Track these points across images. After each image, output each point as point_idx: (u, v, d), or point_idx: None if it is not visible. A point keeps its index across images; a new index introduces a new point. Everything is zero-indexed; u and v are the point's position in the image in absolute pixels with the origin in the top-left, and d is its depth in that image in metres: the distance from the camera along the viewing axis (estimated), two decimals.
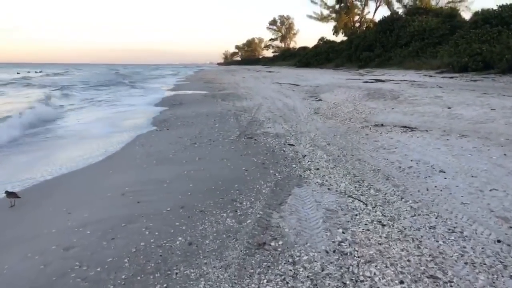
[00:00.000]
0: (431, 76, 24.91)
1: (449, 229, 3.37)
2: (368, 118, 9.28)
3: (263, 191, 4.51)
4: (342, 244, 3.18)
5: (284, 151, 6.49)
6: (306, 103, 12.79)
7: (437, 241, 3.17)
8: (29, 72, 70.66)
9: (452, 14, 39.81)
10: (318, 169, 5.37)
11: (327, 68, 51.29)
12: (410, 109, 9.93)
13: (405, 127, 7.94)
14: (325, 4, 63.02)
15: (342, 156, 6.00)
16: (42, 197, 4.73)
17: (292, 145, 6.92)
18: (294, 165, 5.59)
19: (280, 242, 3.23)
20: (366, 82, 21.78)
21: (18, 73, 59.17)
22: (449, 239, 3.20)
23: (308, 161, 5.77)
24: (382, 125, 8.37)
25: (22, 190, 5.05)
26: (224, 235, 3.39)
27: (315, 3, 62.64)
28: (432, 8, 46.09)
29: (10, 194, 4.47)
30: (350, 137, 7.38)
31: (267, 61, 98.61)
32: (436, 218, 3.62)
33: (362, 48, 46.69)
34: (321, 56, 59.44)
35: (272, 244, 3.21)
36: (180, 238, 3.34)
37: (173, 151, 6.55)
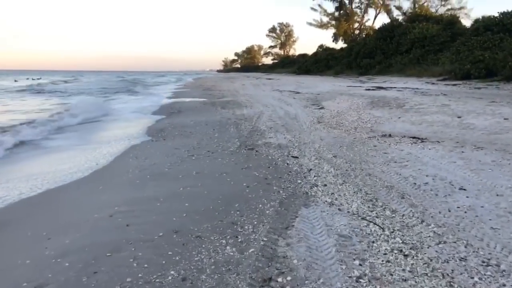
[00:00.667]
0: (433, 83, 24.59)
1: (483, 262, 2.92)
2: (375, 128, 8.86)
3: (267, 212, 4.06)
4: (361, 280, 2.73)
5: (287, 164, 6.05)
6: (308, 111, 12.38)
7: (472, 278, 2.72)
8: (27, 79, 70.05)
9: (452, 21, 39.68)
10: (325, 185, 4.93)
11: (327, 75, 51.08)
12: (418, 118, 9.52)
13: (414, 137, 7.52)
14: (325, 11, 63.00)
15: (351, 171, 5.56)
16: (22, 218, 4.27)
17: (296, 157, 6.48)
18: (299, 181, 5.15)
19: (289, 278, 2.78)
20: (368, 89, 21.45)
21: (15, 81, 58.43)
22: (485, 274, 2.76)
23: (315, 176, 5.33)
24: (390, 135, 7.94)
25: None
26: (224, 268, 2.94)
27: (315, 10, 62.53)
28: (432, 16, 45.99)
29: None
30: (358, 148, 6.95)
31: (267, 68, 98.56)
32: (465, 247, 3.17)
33: (362, 55, 46.50)
34: (320, 63, 59.29)
35: (279, 280, 2.76)
36: (172, 272, 2.89)
37: (169, 164, 6.10)
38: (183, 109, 14.82)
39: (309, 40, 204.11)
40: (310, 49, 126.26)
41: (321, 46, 69.17)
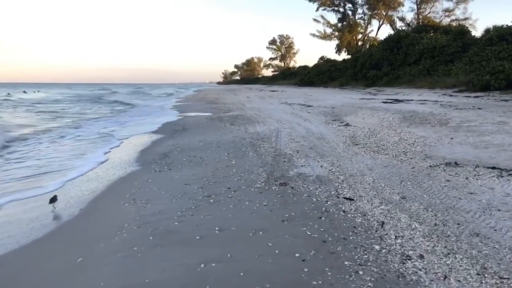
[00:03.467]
0: (451, 95, 23.04)
1: None
2: (429, 152, 7.17)
3: None
4: None
5: (344, 211, 4.35)
6: (333, 129, 10.71)
7: None
8: (25, 92, 68.16)
9: (462, 31, 38.32)
10: (422, 257, 3.22)
11: (331, 87, 49.71)
12: (477, 139, 7.83)
13: (494, 168, 5.81)
14: (328, 22, 61.83)
15: (442, 225, 3.85)
16: None
17: (350, 199, 4.77)
18: (376, 246, 3.43)
19: None
20: (385, 102, 19.88)
21: (8, 94, 56.58)
22: None
23: (396, 237, 3.62)
24: (456, 164, 6.25)
25: None
26: None
27: (318, 21, 61.39)
28: (441, 26, 44.76)
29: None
30: (427, 185, 5.24)
31: (267, 80, 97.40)
32: None
33: (368, 67, 45.13)
34: (324, 75, 58.03)
35: None
36: None
37: (179, 213, 4.38)
38: (188, 126, 13.12)
39: (309, 52, 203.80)
40: (310, 61, 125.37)
41: (322, 58, 68.13)
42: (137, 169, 6.94)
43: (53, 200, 4.89)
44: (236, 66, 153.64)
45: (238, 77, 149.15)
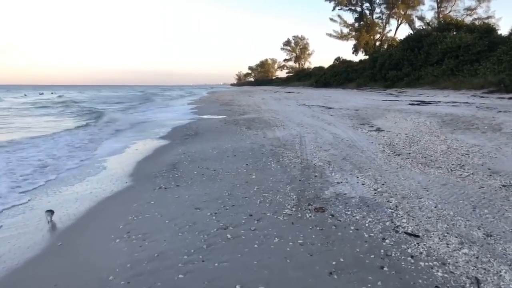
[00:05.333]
0: (481, 96, 21.50)
1: None
2: (492, 166, 5.86)
3: None
4: None
5: (412, 256, 3.13)
6: (364, 135, 9.44)
7: None
8: (42, 93, 67.63)
9: (488, 29, 36.44)
10: None
11: (349, 88, 48.20)
12: None
13: None
14: (345, 22, 60.24)
15: None
16: None
17: (415, 235, 3.54)
18: None
19: None
20: (412, 104, 18.49)
21: (25, 95, 56.42)
22: None
23: None
24: None
25: None
26: None
27: (335, 21, 59.88)
28: (464, 24, 42.84)
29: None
30: (509, 213, 3.97)
31: (281, 82, 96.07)
32: None
33: (387, 67, 43.45)
34: (340, 75, 56.52)
35: None
36: None
37: (185, 257, 3.21)
38: (201, 130, 11.99)
39: (323, 53, 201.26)
40: (324, 62, 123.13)
41: (338, 59, 66.51)
42: (138, 184, 5.80)
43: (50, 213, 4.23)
44: (250, 68, 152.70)
45: (252, 79, 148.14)
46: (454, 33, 40.60)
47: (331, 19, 60.02)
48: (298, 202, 4.60)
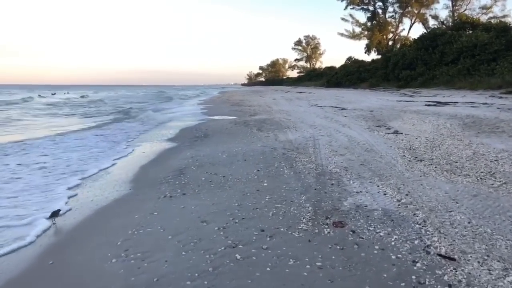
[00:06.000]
0: (500, 97, 20.86)
1: None
2: None
3: None
4: None
5: (450, 286, 2.70)
6: (381, 138, 8.97)
7: None
8: (54, 94, 67.18)
9: (506, 28, 35.47)
10: None
11: (361, 88, 47.53)
12: None
13: None
14: (357, 21, 59.42)
15: None
16: None
17: (449, 258, 3.10)
18: None
19: None
20: (429, 105, 17.88)
21: (39, 96, 56.41)
22: None
23: None
24: None
25: None
26: None
27: (346, 20, 59.11)
28: (480, 23, 41.78)
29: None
30: None
31: (292, 82, 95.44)
32: None
33: (401, 67, 42.67)
34: (352, 75, 55.83)
35: None
36: None
37: (188, 283, 2.82)
38: (210, 132, 11.63)
39: (334, 53, 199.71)
40: (335, 62, 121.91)
41: (349, 58, 65.74)
42: (142, 192, 5.44)
43: (55, 214, 4.34)
44: (260, 68, 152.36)
45: (262, 79, 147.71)
46: (470, 32, 39.71)
47: (343, 19, 59.33)
48: (314, 215, 4.18)
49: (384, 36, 59.29)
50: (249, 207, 4.49)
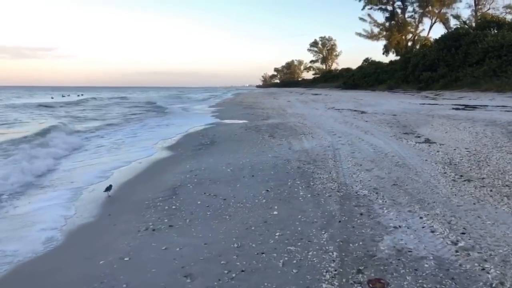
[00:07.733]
0: None
1: None
2: None
3: None
4: None
5: None
6: (412, 148, 7.73)
7: None
8: (64, 95, 64.25)
9: None
10: None
11: (379, 90, 45.95)
12: None
13: None
14: (375, 21, 57.70)
15: None
16: None
17: None
18: None
19: None
20: (457, 108, 16.49)
21: (52, 98, 54.82)
22: None
23: None
24: None
25: None
26: None
27: (364, 20, 57.48)
28: (506, 22, 39.80)
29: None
30: None
31: (307, 83, 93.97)
32: None
33: (421, 68, 40.98)
34: (370, 77, 54.26)
35: None
36: None
37: None
38: (217, 139, 10.52)
39: (351, 55, 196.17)
40: (351, 63, 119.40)
41: (366, 60, 64.10)
42: (121, 219, 4.36)
43: (108, 189, 5.24)
44: (276, 69, 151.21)
45: (277, 80, 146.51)
46: (495, 31, 37.85)
47: (361, 18, 57.61)
48: (341, 266, 3.03)
49: (403, 37, 57.46)
50: (252, 250, 3.36)
